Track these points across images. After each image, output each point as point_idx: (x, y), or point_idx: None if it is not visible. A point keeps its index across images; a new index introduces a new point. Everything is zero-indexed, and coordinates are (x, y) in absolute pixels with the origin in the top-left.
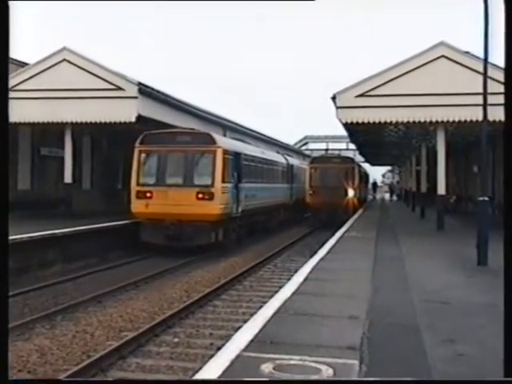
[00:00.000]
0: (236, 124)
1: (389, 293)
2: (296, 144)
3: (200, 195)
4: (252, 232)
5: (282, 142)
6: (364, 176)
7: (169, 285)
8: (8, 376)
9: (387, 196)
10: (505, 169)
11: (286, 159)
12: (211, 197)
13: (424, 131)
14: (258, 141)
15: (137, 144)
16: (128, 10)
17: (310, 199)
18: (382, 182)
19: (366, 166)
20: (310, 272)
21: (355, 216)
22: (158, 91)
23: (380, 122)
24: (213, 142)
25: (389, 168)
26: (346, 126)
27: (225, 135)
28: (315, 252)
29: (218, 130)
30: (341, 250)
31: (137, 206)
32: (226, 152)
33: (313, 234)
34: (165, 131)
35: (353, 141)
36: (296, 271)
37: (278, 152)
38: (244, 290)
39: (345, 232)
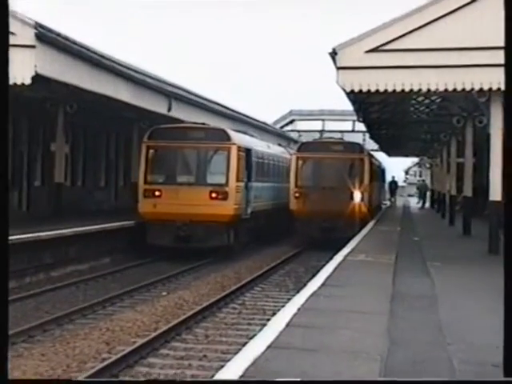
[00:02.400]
0: (187, 92)
1: (413, 349)
2: (277, 123)
3: (213, 194)
4: (259, 237)
5: (254, 120)
6: (378, 171)
7: (81, 335)
8: (8, 376)
9: (413, 201)
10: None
11: (290, 153)
12: (225, 196)
13: (470, 104)
14: (218, 115)
15: (145, 139)
16: None
17: (296, 205)
18: (405, 180)
19: (382, 157)
20: (296, 314)
21: (364, 231)
22: (73, 41)
23: (403, 91)
24: (227, 138)
25: (415, 160)
26: (352, 96)
27: (170, 107)
28: (304, 284)
29: (161, 99)
30: (342, 281)
31: (144, 205)
32: (240, 149)
33: (300, 257)
34: (175, 126)
35: (361, 119)
36: (274, 314)
37: (280, 145)
38: (196, 341)
39: (348, 254)
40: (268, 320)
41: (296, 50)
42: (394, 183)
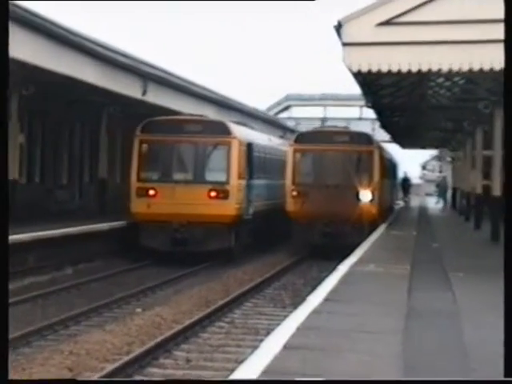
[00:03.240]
0: (166, 73)
1: (432, 376)
2: (271, 109)
3: (213, 193)
4: (260, 239)
5: (244, 105)
6: (390, 166)
7: (39, 359)
8: (8, 376)
9: (431, 201)
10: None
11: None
12: (226, 195)
13: (499, 87)
14: (201, 100)
15: (137, 132)
16: None
17: (294, 206)
18: (422, 177)
19: (394, 150)
20: (294, 334)
21: (373, 236)
22: (25, 9)
23: (419, 71)
24: (227, 131)
25: (433, 153)
26: (360, 77)
27: (145, 91)
28: (303, 299)
29: (135, 81)
30: (347, 295)
31: (137, 205)
32: (241, 143)
33: (299, 267)
34: (171, 118)
35: (370, 104)
36: (268, 333)
37: (281, 137)
38: (176, 366)
39: (355, 264)
40: (261, 341)
41: (292, 23)
42: (406, 181)
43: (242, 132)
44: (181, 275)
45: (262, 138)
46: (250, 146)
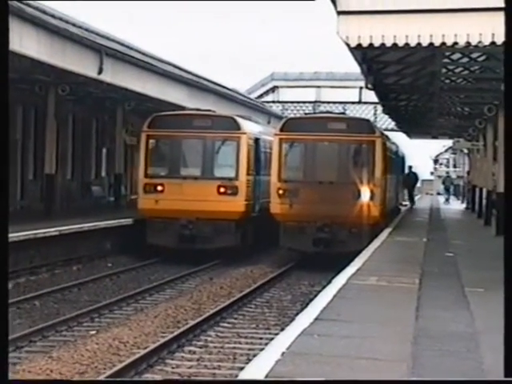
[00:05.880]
0: (128, 47)
1: None
2: (252, 91)
3: (222, 189)
4: (263, 239)
5: (221, 86)
6: (395, 159)
7: None
8: (8, 376)
9: (443, 201)
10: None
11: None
12: (235, 191)
13: None
14: (170, 80)
15: (144, 128)
16: None
17: (281, 206)
18: (434, 172)
19: (401, 140)
20: (279, 361)
21: (375, 243)
22: None
23: (431, 45)
24: (237, 126)
25: (447, 144)
26: (359, 53)
27: (101, 68)
28: (291, 318)
29: (89, 56)
30: (344, 314)
31: (144, 201)
32: (249, 138)
33: (285, 279)
34: (179, 113)
35: (372, 85)
36: (248, 360)
37: (269, 123)
38: None
39: (353, 276)
40: (240, 369)
41: None
42: (412, 175)
43: (250, 127)
44: (142, 290)
45: (267, 132)
46: (257, 142)
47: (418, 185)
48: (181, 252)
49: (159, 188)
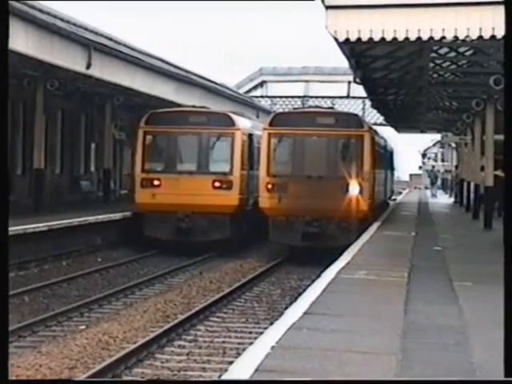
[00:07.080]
0: (116, 42)
1: None
2: (242, 86)
3: (217, 184)
4: (258, 231)
5: (209, 81)
6: (384, 154)
7: None
8: (8, 376)
9: (430, 196)
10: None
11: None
12: (230, 186)
13: None
14: (159, 75)
15: (141, 124)
16: None
17: (269, 201)
18: (422, 166)
19: (389, 134)
20: (268, 355)
21: (364, 237)
22: None
23: (419, 40)
24: (231, 123)
25: (435, 138)
26: (347, 47)
27: (89, 63)
28: (280, 312)
29: (77, 51)
30: (333, 308)
31: (142, 195)
32: (244, 134)
33: (275, 274)
34: (175, 110)
35: (360, 80)
36: (238, 354)
37: (257, 117)
38: None
39: (342, 270)
40: (230, 363)
41: None
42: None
43: (244, 123)
44: (132, 285)
45: (259, 128)
46: (250, 137)
47: (406, 179)
48: (175, 245)
49: (156, 183)
